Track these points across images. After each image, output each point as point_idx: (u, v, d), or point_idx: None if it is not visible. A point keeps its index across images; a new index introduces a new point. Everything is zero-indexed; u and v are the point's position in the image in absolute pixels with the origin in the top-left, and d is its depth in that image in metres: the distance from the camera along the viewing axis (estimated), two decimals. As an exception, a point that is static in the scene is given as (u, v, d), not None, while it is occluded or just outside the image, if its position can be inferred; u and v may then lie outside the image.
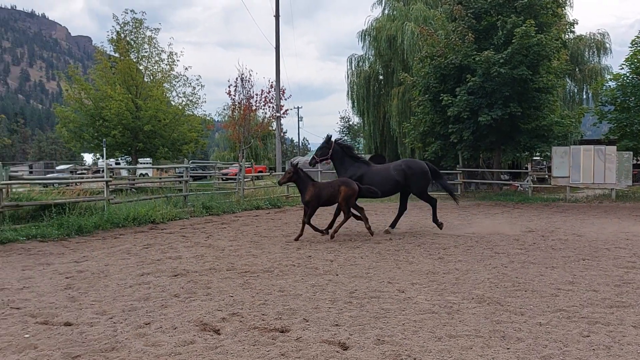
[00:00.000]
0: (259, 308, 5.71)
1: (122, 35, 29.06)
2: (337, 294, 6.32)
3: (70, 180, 18.74)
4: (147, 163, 38.29)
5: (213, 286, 6.80)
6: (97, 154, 41.77)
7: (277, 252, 9.53)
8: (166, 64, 30.20)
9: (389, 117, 31.44)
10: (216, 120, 51.07)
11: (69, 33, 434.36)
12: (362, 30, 33.21)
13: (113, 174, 18.19)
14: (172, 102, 31.72)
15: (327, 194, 10.86)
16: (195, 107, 31.98)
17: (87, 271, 7.83)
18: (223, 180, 30.33)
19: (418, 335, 4.79)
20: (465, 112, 21.70)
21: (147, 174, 45.89)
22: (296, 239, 10.78)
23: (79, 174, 33.80)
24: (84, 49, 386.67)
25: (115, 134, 26.91)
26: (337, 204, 11.22)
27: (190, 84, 31.31)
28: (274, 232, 12.36)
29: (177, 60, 30.31)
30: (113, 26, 29.40)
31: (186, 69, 32.17)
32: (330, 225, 11.49)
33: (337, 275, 7.48)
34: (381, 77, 33.79)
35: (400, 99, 30.03)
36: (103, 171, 14.45)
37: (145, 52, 29.41)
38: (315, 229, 11.14)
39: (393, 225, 12.29)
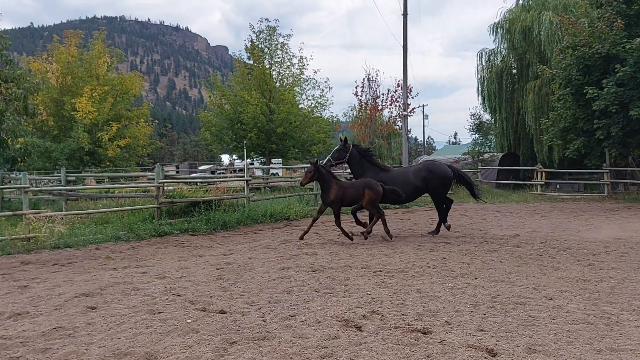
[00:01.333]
0: (398, 308, 5.71)
1: (256, 43, 30.82)
2: (479, 298, 6.11)
3: (215, 180, 20.23)
4: (278, 163, 40.19)
5: (350, 283, 6.94)
6: (235, 155, 44.78)
7: (409, 252, 9.46)
8: (297, 68, 31.46)
9: (523, 113, 29.57)
10: (341, 121, 52.06)
11: (209, 44, 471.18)
12: (494, 23, 31.62)
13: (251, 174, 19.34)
14: (301, 104, 32.96)
15: (351, 195, 10.54)
16: (324, 109, 32.90)
17: (234, 263, 8.44)
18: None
19: (574, 347, 4.46)
20: (613, 106, 19.66)
21: (277, 173, 48.15)
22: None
23: (218, 173, 36.46)
24: (221, 58, 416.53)
25: (251, 136, 28.59)
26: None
27: (319, 86, 32.29)
28: (404, 233, 12.28)
29: (307, 64, 31.42)
30: (249, 35, 31.29)
31: (315, 72, 33.28)
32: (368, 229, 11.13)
33: (476, 278, 7.23)
34: (514, 71, 31.89)
35: (537, 93, 28.09)
36: (239, 171, 15.45)
37: (278, 57, 30.87)
38: (346, 234, 10.66)
39: (442, 224, 11.74)
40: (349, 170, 14.21)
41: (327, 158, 11.70)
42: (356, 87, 37.46)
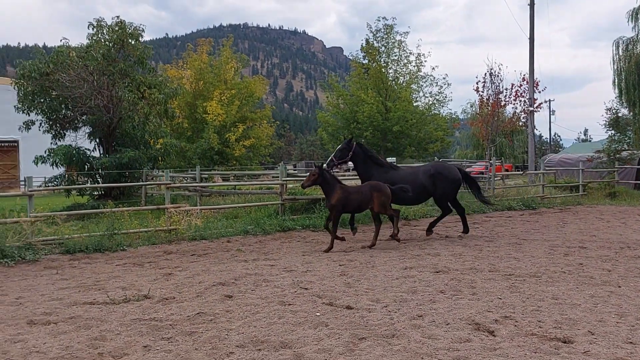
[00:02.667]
0: (533, 314, 5.40)
1: (372, 42, 30.91)
2: (624, 308, 5.58)
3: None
4: (392, 162, 39.96)
5: (477, 286, 6.70)
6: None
7: (540, 256, 8.89)
8: (414, 66, 31.06)
9: (669, 106, 26.42)
10: (460, 118, 50.36)
11: (324, 45, 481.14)
12: (633, 8, 28.66)
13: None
14: (418, 102, 32.44)
15: (355, 200, 9.78)
16: (442, 106, 32.09)
17: (356, 261, 8.56)
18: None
19: None
20: None
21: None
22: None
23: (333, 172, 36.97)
24: (336, 59, 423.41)
25: (366, 135, 28.77)
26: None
27: (437, 83, 31.56)
28: (533, 235, 11.57)
29: (425, 61, 30.87)
30: (366, 34, 31.49)
31: (433, 68, 32.51)
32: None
33: (620, 287, 6.61)
34: (659, 59, 28.60)
35: (687, 83, 24.93)
36: (352, 170, 15.56)
37: (395, 55, 30.69)
38: (337, 238, 9.90)
39: (466, 230, 11.37)
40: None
41: (330, 158, 11.14)
42: (477, 83, 36.02)
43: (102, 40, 17.25)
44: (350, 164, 11.41)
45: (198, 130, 30.09)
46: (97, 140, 18.06)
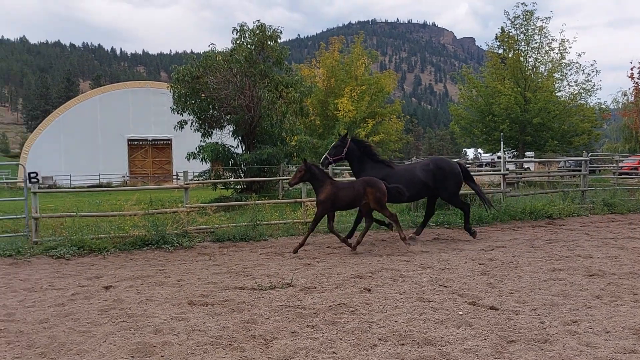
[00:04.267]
0: None
1: (508, 30, 29.14)
2: None
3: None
4: (530, 156, 37.41)
5: (641, 293, 6.03)
6: (480, 149, 43.33)
7: None
8: (556, 53, 28.73)
9: None
10: (611, 108, 45.50)
11: (455, 36, 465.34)
12: None
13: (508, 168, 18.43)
14: (562, 92, 29.96)
15: (346, 196, 9.11)
16: (589, 96, 29.30)
17: (497, 260, 8.17)
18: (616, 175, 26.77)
19: None
20: None
21: (528, 167, 44.85)
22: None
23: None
24: (467, 50, 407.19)
25: (503, 128, 27.26)
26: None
27: (583, 70, 28.87)
28: None
29: (569, 47, 28.40)
30: (503, 22, 29.82)
31: (579, 55, 29.77)
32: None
33: None
34: None
35: None
36: (486, 165, 14.79)
37: (535, 43, 28.66)
38: (304, 242, 9.34)
39: (418, 232, 10.49)
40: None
41: (324, 155, 10.61)
42: (631, 69, 32.42)
43: (245, 44, 18.44)
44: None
45: (329, 127, 30.87)
46: (240, 137, 19.36)
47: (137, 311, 5.53)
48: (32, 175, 9.83)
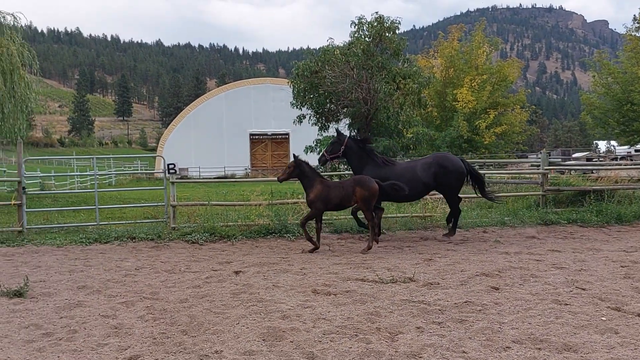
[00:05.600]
0: None
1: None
2: None
3: (608, 167, 18.08)
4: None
5: None
6: (613, 141, 39.42)
7: None
8: None
9: None
10: None
11: (585, 20, 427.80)
12: None
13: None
14: None
15: (336, 196, 8.63)
16: None
17: (644, 263, 7.35)
18: None
19: None
20: None
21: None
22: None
23: (594, 161, 32.75)
24: (599, 34, 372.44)
25: (646, 118, 24.55)
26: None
27: None
28: None
29: None
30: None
31: None
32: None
33: None
34: None
35: None
36: (620, 159, 13.33)
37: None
38: (311, 240, 8.73)
39: (452, 233, 9.96)
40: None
41: (322, 153, 10.13)
42: None
43: (362, 37, 18.43)
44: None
45: (447, 119, 29.93)
46: (356, 130, 19.45)
47: (266, 296, 5.78)
48: (170, 166, 10.70)
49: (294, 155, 9.18)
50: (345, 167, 16.17)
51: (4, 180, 13.04)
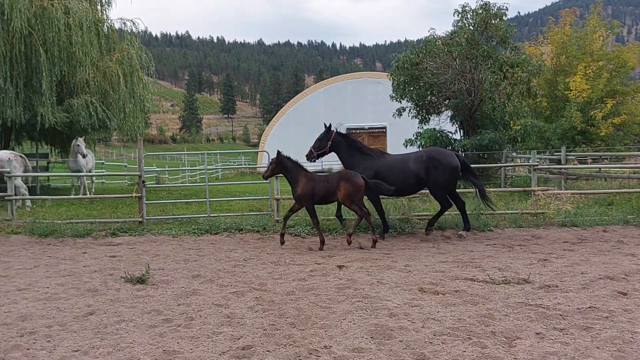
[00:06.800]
0: None
1: None
2: None
3: None
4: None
5: None
6: None
7: None
8: None
9: None
10: None
11: None
12: None
13: None
14: None
15: (321, 189, 8.61)
16: None
17: None
18: None
19: None
20: None
21: None
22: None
23: None
24: None
25: None
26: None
27: None
28: None
29: None
30: None
31: None
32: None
33: None
34: None
35: None
36: None
37: None
38: (283, 235, 8.90)
39: (466, 228, 9.71)
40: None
41: (310, 149, 9.95)
42: None
43: (466, 25, 17.72)
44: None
45: (558, 109, 27.94)
46: (458, 123, 18.78)
47: (371, 293, 5.71)
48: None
49: (277, 151, 9.12)
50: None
51: (125, 174, 14.16)
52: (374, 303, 5.31)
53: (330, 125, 9.95)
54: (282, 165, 8.87)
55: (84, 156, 16.76)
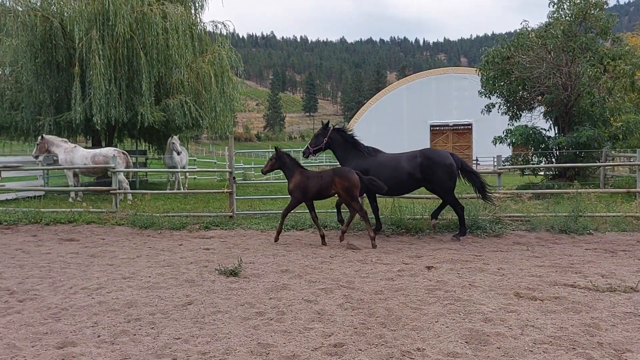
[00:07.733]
0: None
1: None
2: None
3: None
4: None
5: None
6: None
7: None
8: None
9: None
10: None
11: None
12: None
13: None
14: None
15: (315, 186, 8.76)
16: None
17: None
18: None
19: None
20: None
21: None
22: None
23: None
24: None
25: None
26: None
27: None
28: None
29: None
30: None
31: None
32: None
33: None
34: None
35: None
36: None
37: None
38: (279, 232, 9.21)
39: (462, 232, 9.27)
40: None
41: (306, 146, 10.16)
42: None
43: (563, 16, 16.69)
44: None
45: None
46: (552, 119, 17.76)
47: (463, 296, 5.55)
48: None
49: (275, 147, 9.46)
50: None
51: (217, 170, 14.78)
52: (466, 306, 5.16)
53: (328, 122, 10.13)
54: (281, 161, 9.26)
55: (178, 153, 17.71)
